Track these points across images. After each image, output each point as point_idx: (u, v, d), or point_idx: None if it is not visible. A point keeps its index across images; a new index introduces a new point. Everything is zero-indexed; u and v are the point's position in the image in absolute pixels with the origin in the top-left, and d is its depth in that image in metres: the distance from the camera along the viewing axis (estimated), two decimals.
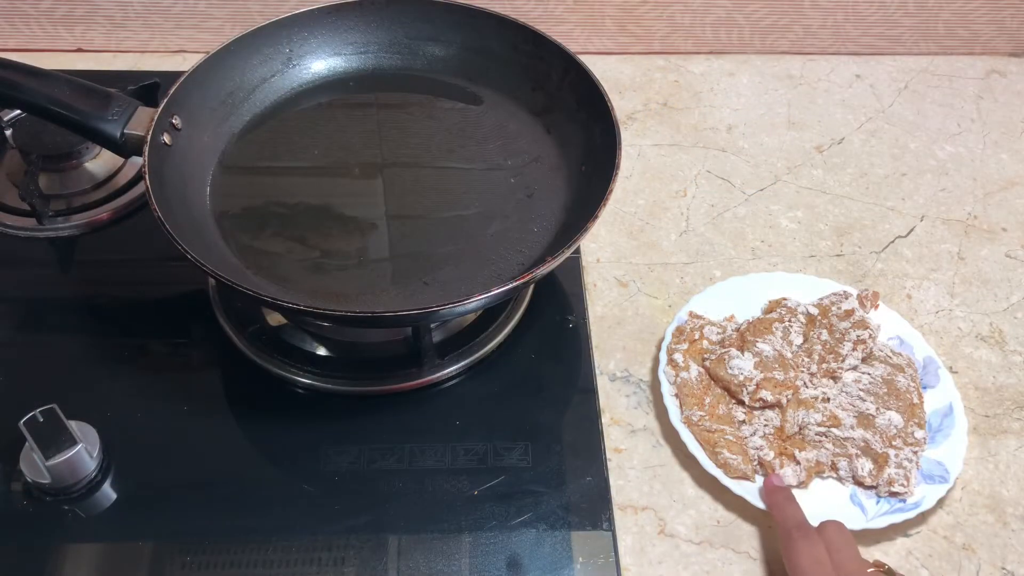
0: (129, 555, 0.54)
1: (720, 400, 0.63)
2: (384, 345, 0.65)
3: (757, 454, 0.60)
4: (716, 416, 0.62)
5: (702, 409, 0.62)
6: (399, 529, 0.56)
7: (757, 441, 0.61)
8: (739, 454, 0.59)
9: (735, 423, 0.62)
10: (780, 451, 0.60)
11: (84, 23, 0.90)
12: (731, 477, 0.59)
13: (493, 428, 0.61)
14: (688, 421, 0.61)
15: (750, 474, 0.59)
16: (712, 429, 0.61)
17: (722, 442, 0.60)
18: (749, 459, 0.60)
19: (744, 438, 0.61)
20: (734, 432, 0.61)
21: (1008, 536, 0.59)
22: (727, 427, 0.61)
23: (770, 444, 0.60)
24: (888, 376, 0.64)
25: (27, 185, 0.70)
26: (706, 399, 0.63)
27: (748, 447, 0.60)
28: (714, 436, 0.60)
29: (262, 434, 0.61)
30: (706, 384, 0.64)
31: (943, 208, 0.81)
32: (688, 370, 0.64)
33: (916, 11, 0.93)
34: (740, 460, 0.59)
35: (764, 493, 0.58)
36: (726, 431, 0.61)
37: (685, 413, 0.62)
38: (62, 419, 0.55)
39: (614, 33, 0.93)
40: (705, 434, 0.60)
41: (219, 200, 0.65)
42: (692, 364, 0.65)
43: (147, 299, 0.69)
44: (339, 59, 0.74)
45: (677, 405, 0.62)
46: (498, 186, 0.67)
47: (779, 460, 0.60)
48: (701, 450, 0.60)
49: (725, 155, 0.85)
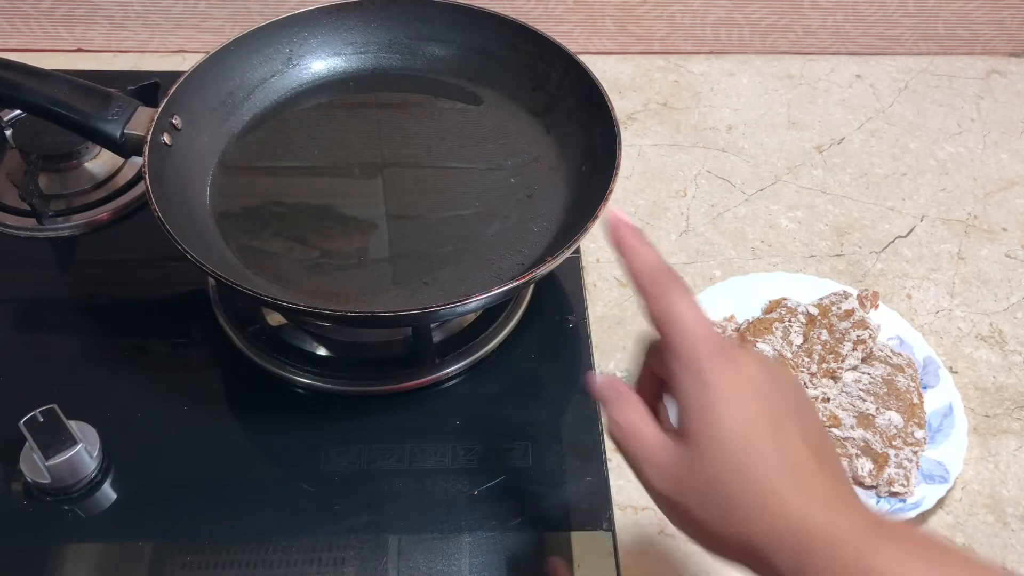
0: (129, 555, 0.54)
1: None
2: (384, 345, 0.65)
3: None
4: None
5: None
6: (399, 529, 0.56)
7: None
8: None
9: None
10: None
11: (84, 23, 0.90)
12: None
13: (493, 428, 0.61)
14: None
15: None
16: None
17: None
18: None
19: None
20: None
21: (1008, 536, 0.59)
22: None
23: None
24: (888, 376, 0.64)
25: (27, 185, 0.70)
26: None
27: None
28: None
29: (262, 434, 0.61)
30: None
31: (943, 208, 0.81)
32: None
33: (916, 11, 0.93)
34: None
35: (610, 232, 0.41)
36: None
37: None
38: (62, 419, 0.55)
39: (614, 33, 0.93)
40: None
41: (219, 200, 0.65)
42: None
43: (147, 299, 0.69)
44: (339, 59, 0.74)
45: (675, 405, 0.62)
46: (498, 186, 0.67)
47: None
48: None
49: (725, 155, 0.85)
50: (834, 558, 0.34)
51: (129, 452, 0.58)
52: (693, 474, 0.37)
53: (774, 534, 0.35)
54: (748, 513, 0.36)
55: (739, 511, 0.36)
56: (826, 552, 0.34)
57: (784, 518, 0.35)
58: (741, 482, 0.36)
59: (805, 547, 0.34)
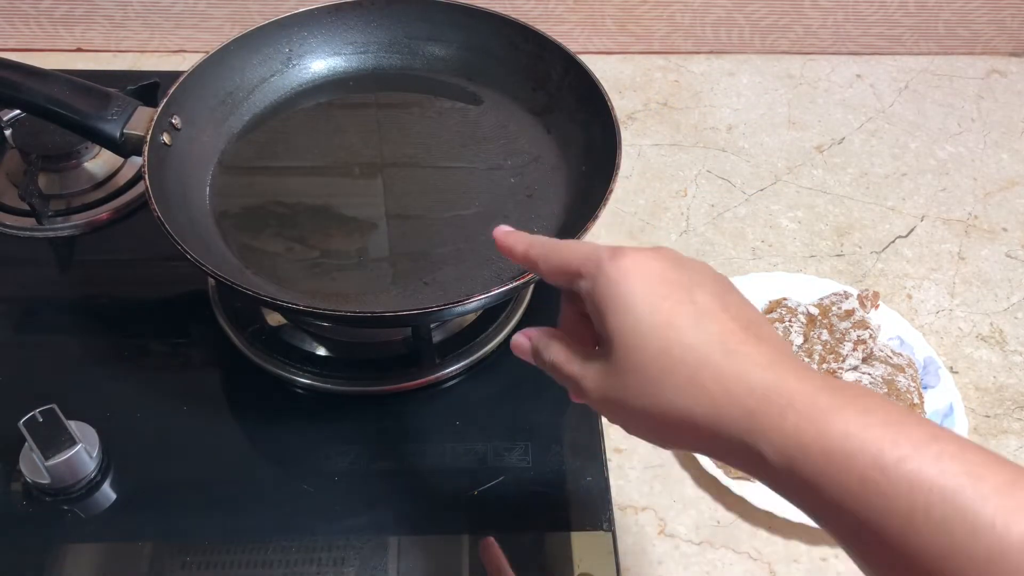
0: (129, 555, 0.54)
1: None
2: (384, 345, 0.65)
3: None
4: None
5: None
6: (399, 529, 0.55)
7: None
8: None
9: None
10: None
11: (84, 23, 0.90)
12: (731, 477, 0.59)
13: (493, 428, 0.61)
14: None
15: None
16: None
17: None
18: None
19: None
20: None
21: None
22: None
23: None
24: (889, 376, 0.64)
25: (27, 185, 0.70)
26: None
27: None
28: None
29: (262, 434, 0.61)
30: None
31: (943, 208, 0.81)
32: None
33: (916, 11, 0.92)
34: None
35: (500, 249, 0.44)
36: None
37: None
38: (62, 419, 0.55)
39: (614, 33, 0.93)
40: None
41: (219, 200, 0.65)
42: None
43: (147, 299, 0.69)
44: (339, 59, 0.74)
45: None
46: (498, 186, 0.67)
47: None
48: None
49: (725, 155, 0.85)
50: (785, 416, 0.32)
51: (129, 452, 0.58)
52: (622, 371, 0.36)
53: (716, 405, 0.34)
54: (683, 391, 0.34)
55: (672, 392, 0.35)
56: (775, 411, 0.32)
57: (721, 386, 0.33)
58: (668, 361, 0.35)
59: (751, 411, 0.33)
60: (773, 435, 0.32)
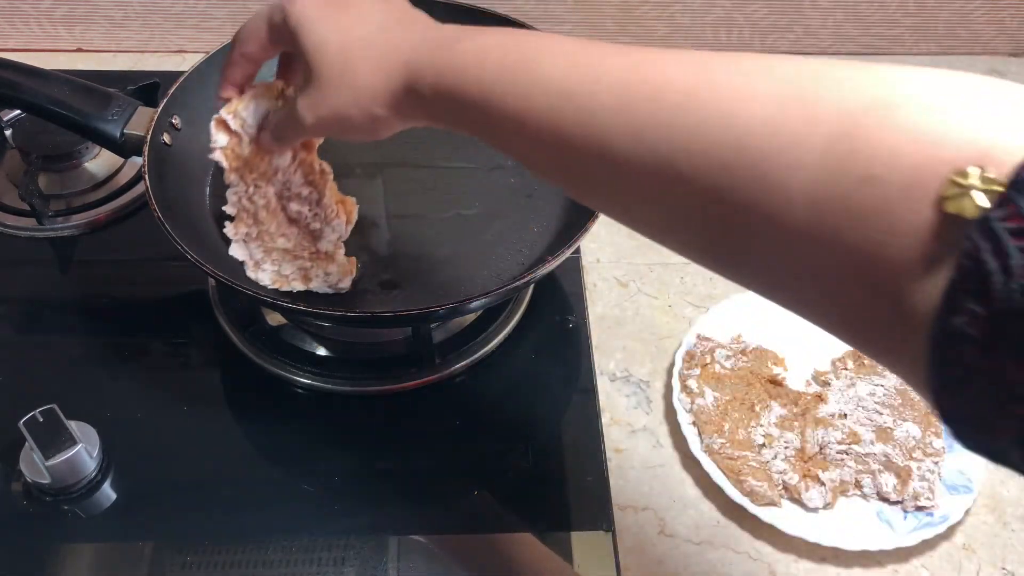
0: (129, 555, 0.54)
1: (739, 425, 0.61)
2: (384, 345, 0.65)
3: (781, 478, 0.58)
4: (736, 442, 0.60)
5: (722, 436, 0.60)
6: (399, 529, 0.56)
7: (780, 465, 0.59)
8: (764, 480, 0.58)
9: (755, 447, 0.60)
10: (804, 473, 0.59)
11: (84, 23, 0.90)
12: (759, 505, 0.58)
13: (493, 428, 0.61)
14: (709, 450, 0.60)
15: (777, 500, 0.58)
16: (734, 456, 0.59)
17: (746, 469, 0.58)
18: (774, 484, 0.58)
19: (766, 462, 0.59)
20: (756, 457, 0.59)
21: (1008, 536, 0.59)
22: (749, 453, 0.59)
23: (793, 467, 0.59)
24: (901, 386, 0.63)
25: (27, 185, 0.70)
26: (725, 425, 0.61)
27: (772, 472, 0.59)
28: (737, 464, 0.59)
29: (262, 434, 0.61)
30: (723, 409, 0.62)
31: None
32: (703, 396, 0.62)
33: (916, 11, 0.92)
34: (766, 487, 0.57)
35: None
36: (748, 457, 0.59)
37: (705, 441, 0.60)
38: (62, 419, 0.55)
39: (614, 33, 0.93)
40: (728, 462, 0.59)
41: (219, 200, 0.65)
42: (707, 390, 0.63)
43: (147, 299, 0.69)
44: None
45: (696, 433, 0.61)
46: (498, 186, 0.67)
47: (804, 483, 0.58)
48: (726, 479, 0.58)
49: None
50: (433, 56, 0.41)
51: (129, 452, 0.58)
52: (323, 79, 0.44)
53: (388, 72, 0.42)
54: (367, 74, 0.43)
55: (363, 77, 0.43)
56: (441, 44, 0.42)
57: (390, 55, 0.42)
58: (350, 54, 0.43)
59: (410, 61, 0.42)
60: (426, 72, 0.41)
